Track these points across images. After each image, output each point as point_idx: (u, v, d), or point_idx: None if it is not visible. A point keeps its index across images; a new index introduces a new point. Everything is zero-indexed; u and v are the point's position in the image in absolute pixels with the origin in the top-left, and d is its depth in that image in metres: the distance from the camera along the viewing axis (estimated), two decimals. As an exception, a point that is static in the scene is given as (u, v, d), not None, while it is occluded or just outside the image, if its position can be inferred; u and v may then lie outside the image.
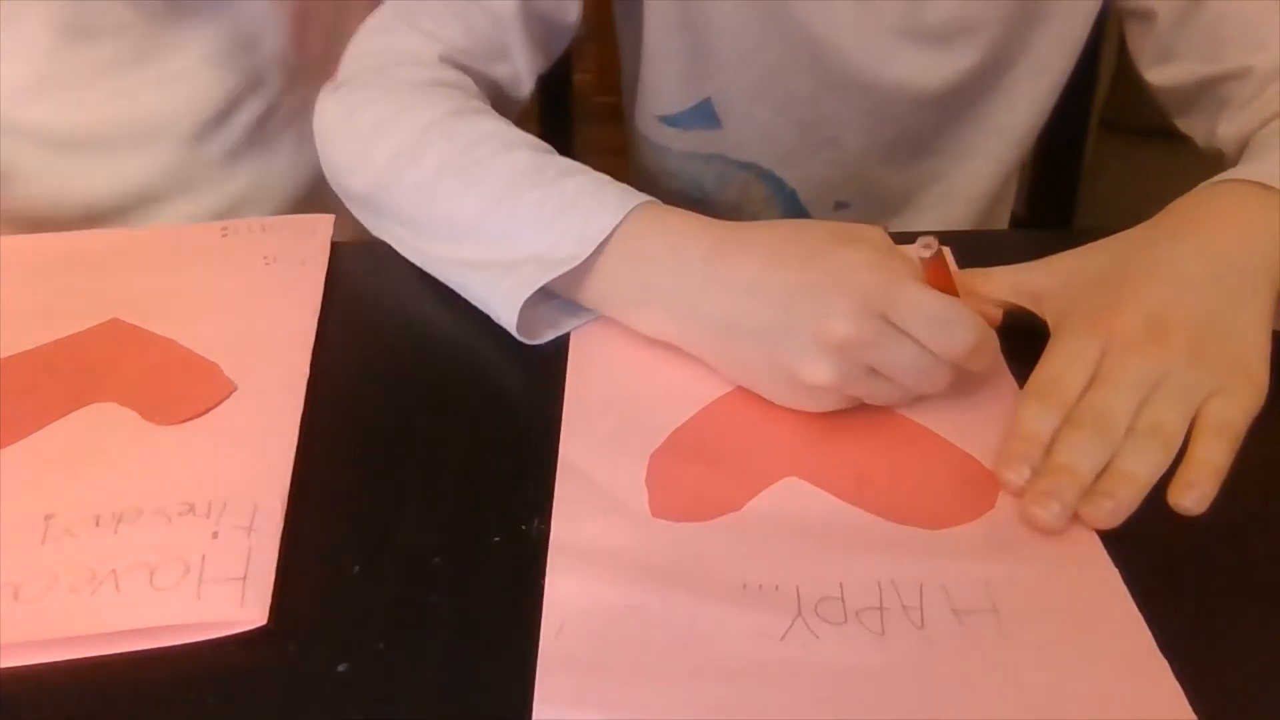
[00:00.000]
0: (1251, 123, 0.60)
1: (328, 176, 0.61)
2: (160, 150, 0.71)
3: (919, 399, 0.47)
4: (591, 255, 0.48)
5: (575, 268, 0.49)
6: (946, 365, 0.44)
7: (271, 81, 0.73)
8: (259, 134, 0.74)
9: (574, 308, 0.53)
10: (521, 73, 0.66)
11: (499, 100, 0.65)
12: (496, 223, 0.51)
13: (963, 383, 0.49)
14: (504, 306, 0.50)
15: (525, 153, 0.53)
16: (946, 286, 0.45)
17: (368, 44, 0.63)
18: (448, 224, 0.53)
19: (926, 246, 0.44)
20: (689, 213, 0.50)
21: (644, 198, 0.50)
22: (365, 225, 0.59)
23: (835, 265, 0.44)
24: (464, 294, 0.53)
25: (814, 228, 0.48)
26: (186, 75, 0.70)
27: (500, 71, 0.64)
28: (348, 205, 0.60)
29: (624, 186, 0.51)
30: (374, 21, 0.63)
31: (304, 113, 0.64)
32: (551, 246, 0.49)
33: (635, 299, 0.50)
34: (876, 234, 0.47)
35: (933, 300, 0.43)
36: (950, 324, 0.43)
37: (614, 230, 0.48)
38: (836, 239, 0.46)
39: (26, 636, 0.37)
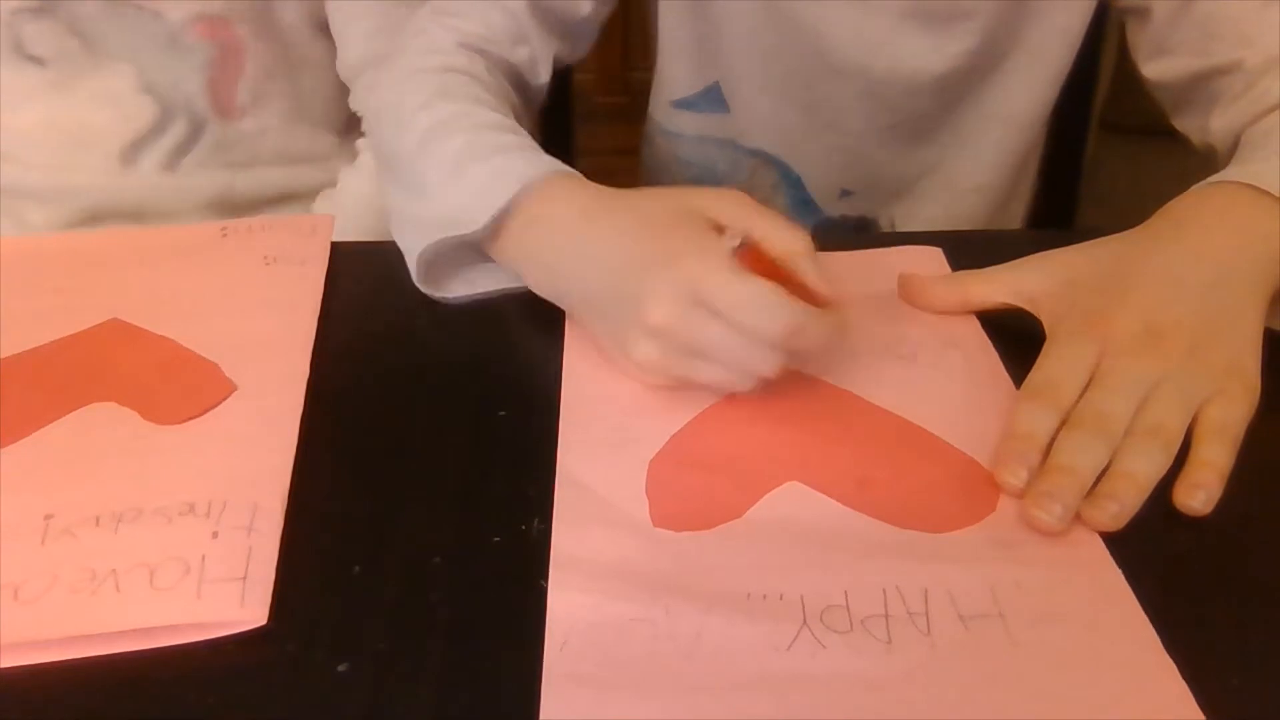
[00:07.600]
0: (1242, 117, 0.61)
1: None
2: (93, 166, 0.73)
3: (764, 384, 0.46)
4: (499, 217, 0.51)
5: (488, 228, 0.52)
6: (765, 348, 0.45)
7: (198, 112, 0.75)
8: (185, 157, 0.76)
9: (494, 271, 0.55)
10: (539, 59, 0.68)
11: (519, 85, 0.68)
12: (451, 193, 0.54)
13: (962, 385, 0.49)
14: (410, 255, 0.54)
15: (469, 135, 0.55)
16: (769, 274, 0.45)
17: (406, 44, 0.66)
18: (419, 190, 0.56)
19: (732, 239, 0.45)
20: (584, 180, 0.52)
21: (550, 170, 0.52)
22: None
23: (663, 247, 0.46)
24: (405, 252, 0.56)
25: (674, 198, 0.49)
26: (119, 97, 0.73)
27: (520, 56, 0.67)
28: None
29: (544, 160, 0.53)
30: (412, 26, 0.67)
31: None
32: (463, 210, 0.53)
33: (525, 257, 0.53)
34: (729, 203, 0.48)
35: (741, 285, 0.44)
36: (760, 308, 0.44)
37: (510, 202, 0.51)
38: (677, 218, 0.47)
39: (26, 636, 0.37)
